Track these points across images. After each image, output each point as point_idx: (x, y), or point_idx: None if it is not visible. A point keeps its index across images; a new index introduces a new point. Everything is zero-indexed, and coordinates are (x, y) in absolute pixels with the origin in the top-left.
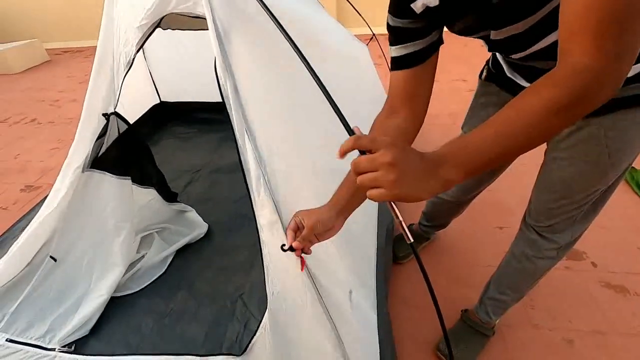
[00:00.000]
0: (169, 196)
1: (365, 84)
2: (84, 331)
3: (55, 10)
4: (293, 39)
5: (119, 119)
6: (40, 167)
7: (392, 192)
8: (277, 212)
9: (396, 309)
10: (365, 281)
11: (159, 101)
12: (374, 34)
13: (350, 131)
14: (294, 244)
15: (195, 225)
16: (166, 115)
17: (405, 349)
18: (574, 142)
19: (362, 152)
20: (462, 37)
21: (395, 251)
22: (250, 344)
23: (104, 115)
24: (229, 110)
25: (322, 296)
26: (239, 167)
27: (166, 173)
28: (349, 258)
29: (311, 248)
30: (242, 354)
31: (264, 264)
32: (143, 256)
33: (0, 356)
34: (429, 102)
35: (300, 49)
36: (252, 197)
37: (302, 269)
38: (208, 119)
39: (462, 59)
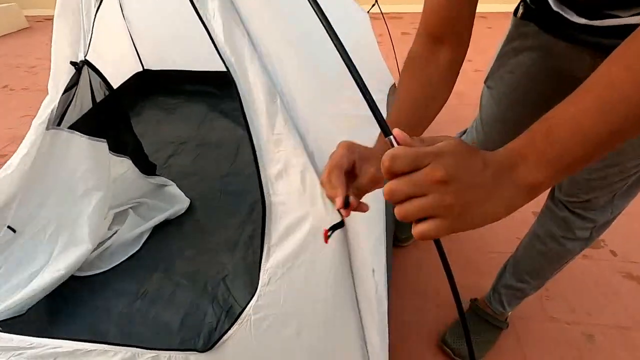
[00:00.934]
0: (147, 168)
1: (364, 55)
2: (18, 310)
3: None
4: None
5: (90, 70)
6: (8, 134)
7: (453, 222)
8: (307, 153)
9: (397, 295)
10: (381, 259)
11: (142, 69)
12: (376, 1)
13: (387, 132)
14: (351, 198)
15: (176, 200)
16: (150, 84)
17: (407, 340)
18: None
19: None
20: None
21: (397, 232)
22: (222, 340)
23: (73, 64)
24: (209, 21)
25: (355, 282)
26: (227, 139)
27: (149, 145)
28: (370, 232)
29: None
30: (207, 350)
31: (264, 234)
32: (115, 232)
33: None
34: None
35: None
36: (255, 137)
37: (326, 241)
38: (196, 90)
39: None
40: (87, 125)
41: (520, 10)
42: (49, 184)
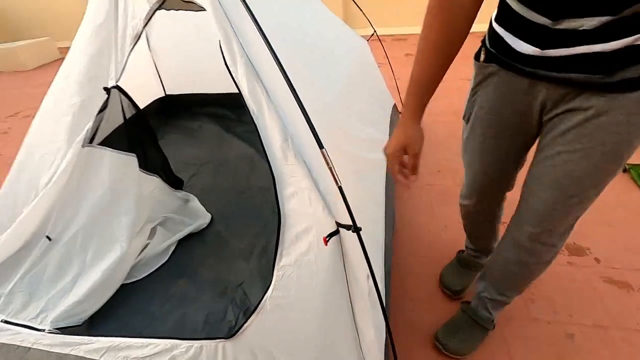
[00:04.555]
0: (175, 183)
1: (366, 81)
2: (77, 320)
3: (68, 10)
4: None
5: (122, 95)
6: None
7: None
8: (312, 177)
9: (395, 300)
10: (378, 267)
11: (164, 94)
12: (375, 31)
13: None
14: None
15: (198, 215)
16: (171, 109)
17: (403, 336)
18: (591, 130)
19: None
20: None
21: (449, 285)
22: (243, 328)
23: (105, 89)
24: (239, 81)
25: (348, 279)
26: (243, 160)
27: (172, 165)
28: (369, 242)
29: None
30: (231, 336)
31: (279, 239)
32: (146, 246)
33: None
34: None
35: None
36: (274, 167)
37: (325, 244)
38: (212, 113)
39: (467, 58)
40: (116, 141)
41: (482, 57)
42: (81, 196)
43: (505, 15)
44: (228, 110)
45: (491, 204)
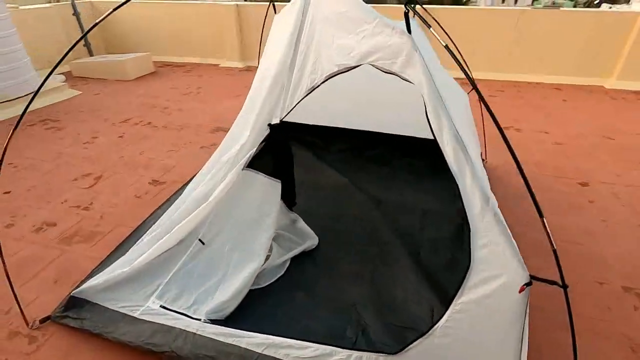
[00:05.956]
0: (291, 203)
1: (468, 128)
2: (222, 315)
3: (164, 31)
4: None
5: (281, 131)
6: (161, 165)
7: None
8: (506, 235)
9: None
10: None
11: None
12: (475, 87)
13: None
14: None
15: (307, 236)
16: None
17: None
18: None
19: None
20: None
21: None
22: (409, 347)
23: (269, 125)
24: (444, 146)
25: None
26: (337, 188)
27: None
28: None
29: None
30: (396, 353)
31: (465, 279)
32: (267, 257)
33: (157, 318)
34: None
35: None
36: (471, 221)
37: (520, 292)
38: (305, 140)
39: (541, 110)
40: (264, 165)
41: None
42: (233, 210)
43: None
44: (319, 140)
45: None
